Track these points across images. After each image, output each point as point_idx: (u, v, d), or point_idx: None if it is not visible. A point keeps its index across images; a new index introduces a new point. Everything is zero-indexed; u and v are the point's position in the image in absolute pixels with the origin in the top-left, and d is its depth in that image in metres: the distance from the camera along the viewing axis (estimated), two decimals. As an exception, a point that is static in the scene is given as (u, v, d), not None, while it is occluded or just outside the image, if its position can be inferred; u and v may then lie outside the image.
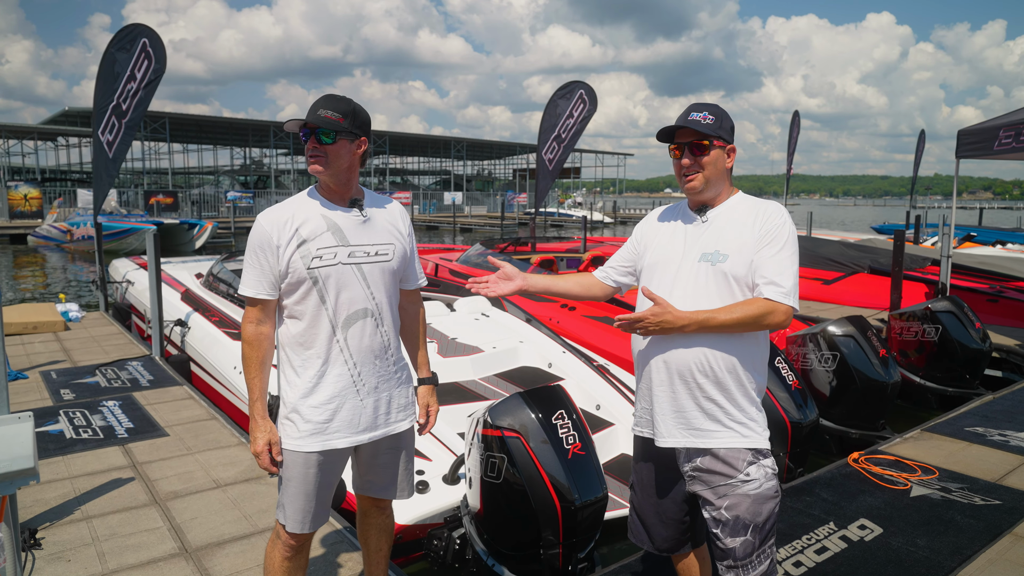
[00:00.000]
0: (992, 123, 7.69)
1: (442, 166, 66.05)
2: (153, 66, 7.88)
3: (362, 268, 2.25)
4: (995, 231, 19.31)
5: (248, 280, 2.23)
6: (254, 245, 2.22)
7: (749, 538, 2.03)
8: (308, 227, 2.20)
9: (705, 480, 2.08)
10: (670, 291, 2.10)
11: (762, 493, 2.04)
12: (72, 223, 23.73)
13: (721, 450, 2.06)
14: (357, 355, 2.25)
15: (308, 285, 2.19)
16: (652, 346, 2.15)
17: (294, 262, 2.17)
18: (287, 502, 2.26)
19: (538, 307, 7.31)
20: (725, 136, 2.14)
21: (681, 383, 2.09)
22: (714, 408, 2.07)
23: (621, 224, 45.70)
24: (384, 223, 2.35)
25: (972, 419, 5.04)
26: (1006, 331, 7.93)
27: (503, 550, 3.16)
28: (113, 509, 3.58)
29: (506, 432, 3.05)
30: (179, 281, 8.10)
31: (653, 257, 2.23)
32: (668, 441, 2.13)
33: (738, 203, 2.17)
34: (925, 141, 21.39)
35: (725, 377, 2.05)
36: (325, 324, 2.22)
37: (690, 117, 2.13)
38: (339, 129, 2.20)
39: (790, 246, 2.06)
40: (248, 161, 53.61)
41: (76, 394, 5.46)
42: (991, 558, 3.12)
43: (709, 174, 2.12)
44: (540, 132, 12.10)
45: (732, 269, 2.04)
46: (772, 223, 2.07)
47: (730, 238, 2.08)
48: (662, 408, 2.13)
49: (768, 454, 2.09)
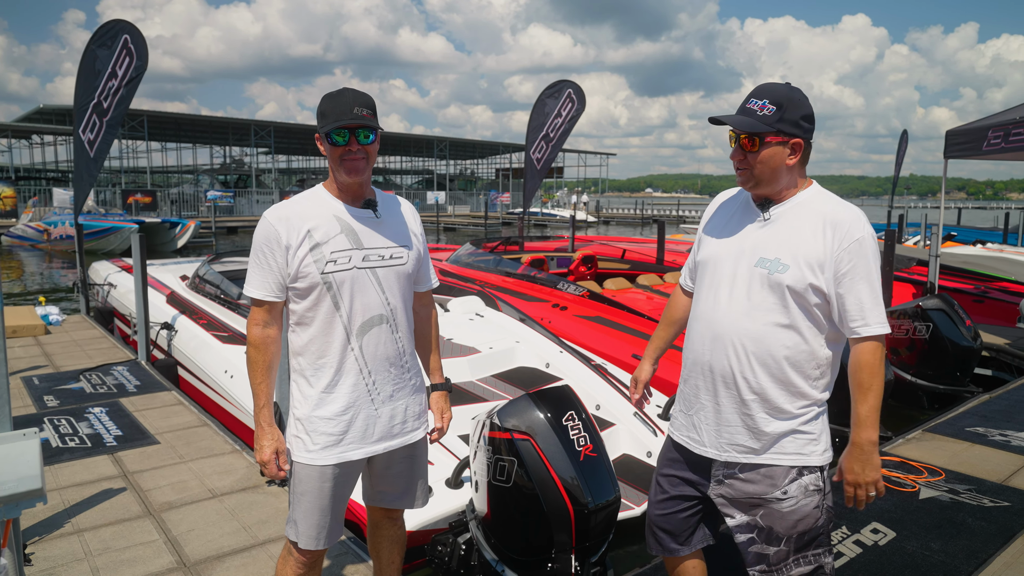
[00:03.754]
0: (981, 124, 7.75)
1: (424, 165, 65.79)
2: (135, 63, 7.68)
3: (376, 272, 2.15)
4: (975, 230, 19.57)
5: (254, 281, 2.11)
6: (260, 243, 2.09)
7: (783, 548, 1.95)
8: (321, 229, 2.09)
9: (739, 489, 1.99)
10: (726, 296, 1.96)
11: (797, 510, 1.93)
12: (49, 222, 23.23)
13: (763, 466, 1.95)
14: (372, 363, 2.15)
15: (321, 291, 2.08)
16: (698, 353, 2.04)
17: (306, 266, 2.06)
18: (300, 518, 2.16)
19: (530, 306, 7.24)
20: (787, 129, 1.86)
21: (727, 393, 1.98)
22: (762, 422, 1.93)
23: (604, 224, 45.78)
24: (397, 224, 2.24)
25: (972, 419, 5.04)
26: (992, 330, 8.00)
27: (513, 555, 3.08)
28: (105, 521, 3.45)
29: (516, 435, 2.97)
30: (164, 283, 7.92)
31: (707, 252, 2.06)
32: (708, 451, 2.04)
33: (809, 202, 1.93)
34: (907, 141, 21.61)
35: (776, 393, 1.91)
36: (339, 331, 2.11)
37: (747, 105, 1.90)
38: (377, 127, 2.08)
39: (876, 261, 1.85)
40: (228, 160, 52.98)
41: (60, 401, 5.29)
42: (1006, 561, 3.10)
43: (760, 172, 1.90)
44: (528, 131, 12.03)
45: (791, 282, 1.86)
46: (852, 238, 1.83)
47: (793, 246, 1.88)
48: (707, 419, 2.04)
49: (813, 470, 1.95)
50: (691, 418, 2.09)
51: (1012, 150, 7.31)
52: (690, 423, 2.10)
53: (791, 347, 1.90)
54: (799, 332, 1.90)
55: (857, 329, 1.86)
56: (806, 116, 1.89)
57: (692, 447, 2.09)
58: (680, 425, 2.15)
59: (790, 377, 1.91)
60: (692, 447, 2.09)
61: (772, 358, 1.91)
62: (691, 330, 2.10)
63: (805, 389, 1.93)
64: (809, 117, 1.90)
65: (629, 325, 6.60)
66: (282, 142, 48.20)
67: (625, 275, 8.67)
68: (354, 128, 2.04)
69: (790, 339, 1.90)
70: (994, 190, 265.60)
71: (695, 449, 2.07)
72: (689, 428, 2.10)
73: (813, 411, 1.95)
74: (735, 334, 1.94)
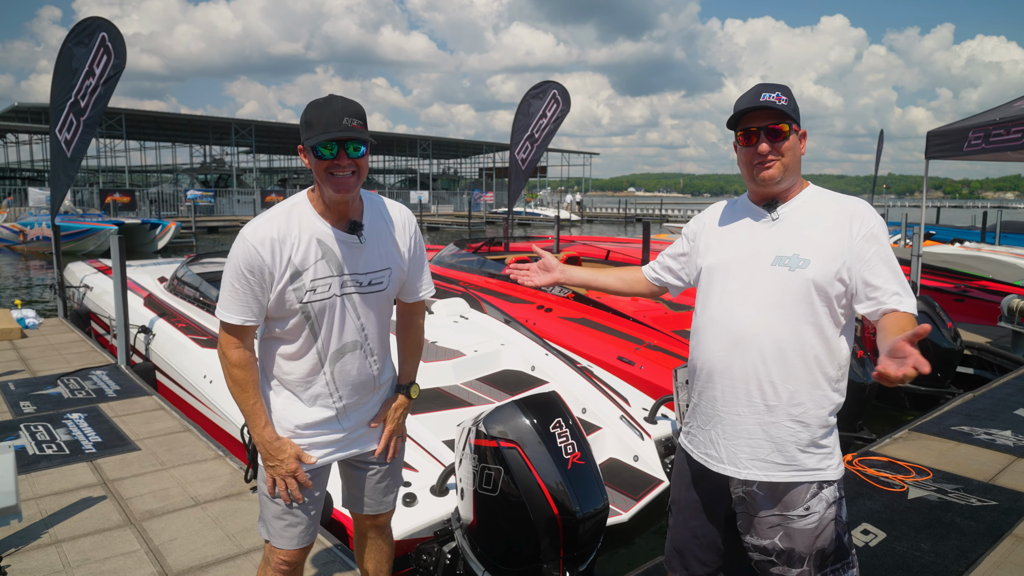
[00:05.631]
0: (962, 124, 7.82)
1: (407, 165, 65.52)
2: (113, 61, 7.54)
3: (354, 299, 2.04)
4: (953, 229, 19.78)
5: (234, 307, 1.96)
6: (241, 267, 1.93)
7: (806, 568, 1.87)
8: (300, 253, 1.95)
9: (758, 507, 1.90)
10: (744, 298, 1.88)
11: (820, 524, 1.86)
12: (25, 223, 22.84)
13: (783, 484, 1.87)
14: (343, 388, 2.09)
15: (300, 319, 1.99)
16: (716, 359, 1.93)
17: (287, 295, 1.95)
18: (272, 518, 2.11)
19: (514, 308, 7.20)
20: (798, 120, 1.89)
21: (748, 401, 1.88)
22: (786, 438, 1.86)
23: (588, 223, 45.87)
24: (383, 243, 2.08)
25: (957, 418, 5.08)
26: (973, 328, 8.09)
27: (499, 564, 3.04)
28: (84, 531, 3.36)
29: (502, 442, 2.92)
30: (141, 286, 7.77)
31: (716, 258, 1.98)
32: (727, 469, 1.94)
33: (814, 198, 1.92)
34: (884, 141, 21.81)
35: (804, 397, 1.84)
36: (312, 356, 2.03)
37: (763, 98, 1.86)
38: (368, 139, 1.92)
39: (889, 245, 1.84)
40: (208, 159, 52.41)
41: (37, 406, 5.17)
42: (996, 561, 3.11)
43: (788, 161, 1.86)
44: (513, 132, 11.98)
45: (816, 276, 1.80)
46: (870, 224, 1.83)
47: (812, 240, 1.83)
48: (725, 432, 1.93)
49: (832, 482, 1.88)
50: (708, 433, 1.99)
51: (992, 151, 7.37)
52: (708, 439, 1.99)
53: (816, 346, 1.83)
54: (823, 330, 1.83)
55: (894, 304, 1.76)
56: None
57: (710, 465, 1.99)
58: (696, 442, 2.04)
59: (816, 379, 1.85)
60: (710, 465, 1.99)
61: (801, 358, 1.83)
62: (703, 337, 1.99)
63: (828, 391, 1.87)
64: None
65: (613, 327, 6.58)
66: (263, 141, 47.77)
67: (610, 276, 8.66)
68: (343, 140, 1.89)
69: (815, 338, 1.83)
70: (970, 189, 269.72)
71: (713, 467, 1.97)
72: (707, 444, 2.00)
73: (832, 421, 1.89)
74: (758, 335, 1.85)
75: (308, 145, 1.90)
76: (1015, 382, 6.09)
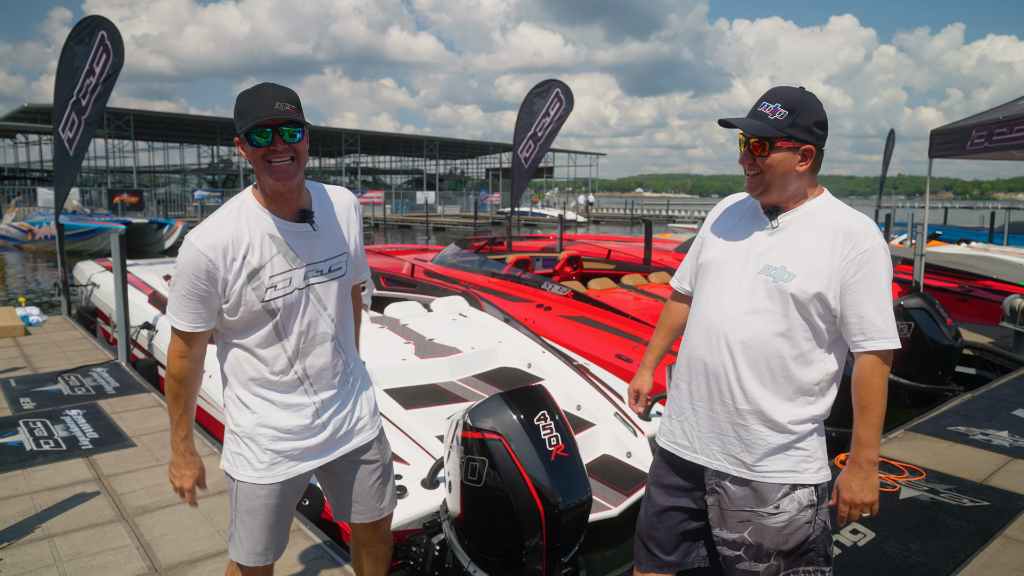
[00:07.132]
0: (964, 123, 7.77)
1: (414, 165, 65.62)
2: (111, 59, 7.59)
3: (317, 289, 2.00)
4: (959, 230, 19.65)
5: (183, 313, 1.91)
6: (189, 273, 1.87)
7: (773, 563, 1.88)
8: (256, 252, 1.90)
9: (729, 500, 1.91)
10: (728, 299, 1.89)
11: (790, 524, 1.85)
12: (33, 222, 23.04)
13: (755, 481, 1.88)
14: (317, 382, 2.04)
15: (262, 316, 1.93)
16: (694, 354, 1.96)
17: (247, 296, 1.90)
18: (246, 537, 2.06)
19: (514, 307, 7.21)
20: (798, 135, 1.79)
21: (720, 399, 1.90)
22: (756, 434, 1.86)
23: (594, 223, 45.82)
24: (333, 229, 2.06)
25: (954, 418, 5.05)
26: (976, 328, 8.04)
27: (484, 556, 3.05)
28: (77, 526, 3.39)
29: (487, 434, 2.95)
30: (146, 283, 7.84)
31: (711, 254, 1.98)
32: (699, 459, 1.96)
33: (818, 211, 1.86)
34: (895, 141, 21.68)
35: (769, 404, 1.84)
36: (280, 355, 1.98)
37: (759, 109, 1.83)
38: (303, 122, 1.86)
39: (886, 273, 1.78)
40: (216, 160, 52.66)
41: (37, 403, 5.21)
42: (984, 561, 3.09)
43: (770, 178, 1.83)
44: (516, 130, 11.99)
45: (796, 291, 1.79)
46: (861, 249, 1.77)
47: (801, 256, 1.81)
48: (699, 425, 1.95)
49: (807, 486, 1.86)
50: (682, 424, 2.02)
51: (995, 149, 7.33)
52: (680, 430, 2.02)
53: (787, 357, 1.83)
54: (796, 343, 1.82)
55: (859, 343, 1.79)
56: (819, 122, 1.83)
57: (683, 454, 2.00)
58: (667, 431, 2.07)
59: (785, 391, 1.85)
60: (683, 454, 2.00)
61: (767, 366, 1.84)
62: (689, 331, 2.03)
63: (801, 403, 1.86)
64: (822, 123, 1.83)
65: (613, 325, 6.58)
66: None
67: (610, 275, 8.65)
68: (277, 125, 1.83)
69: (786, 349, 1.82)
70: (981, 190, 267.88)
71: (686, 456, 1.99)
72: (679, 435, 2.02)
73: (808, 427, 1.87)
74: (731, 334, 1.87)
75: (241, 132, 1.85)
76: (1015, 382, 6.05)
